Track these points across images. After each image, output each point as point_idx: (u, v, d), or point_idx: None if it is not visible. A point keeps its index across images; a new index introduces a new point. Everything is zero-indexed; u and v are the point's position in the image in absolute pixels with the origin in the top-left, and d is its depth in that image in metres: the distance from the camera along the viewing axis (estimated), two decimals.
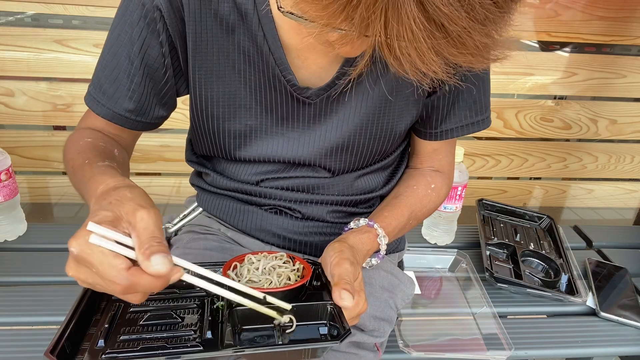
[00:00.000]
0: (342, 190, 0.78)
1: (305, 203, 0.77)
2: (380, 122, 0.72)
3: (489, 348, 0.92)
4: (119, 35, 0.65)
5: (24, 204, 1.19)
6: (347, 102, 0.70)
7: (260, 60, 0.67)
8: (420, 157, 0.83)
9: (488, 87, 0.77)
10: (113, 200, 0.48)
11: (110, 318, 0.57)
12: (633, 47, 1.51)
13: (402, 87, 0.70)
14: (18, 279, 1.01)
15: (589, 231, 1.35)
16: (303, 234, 0.79)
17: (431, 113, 0.76)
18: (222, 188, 0.80)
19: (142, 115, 0.70)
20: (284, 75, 0.67)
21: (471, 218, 1.30)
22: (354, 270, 0.60)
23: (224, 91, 0.69)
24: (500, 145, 1.61)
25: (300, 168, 0.76)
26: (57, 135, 1.42)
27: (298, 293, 0.60)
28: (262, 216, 0.78)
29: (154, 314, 0.58)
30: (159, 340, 0.54)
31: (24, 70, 1.31)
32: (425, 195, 0.79)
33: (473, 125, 0.77)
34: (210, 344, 0.54)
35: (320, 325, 0.58)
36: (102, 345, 0.53)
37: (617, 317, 1.01)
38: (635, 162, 1.70)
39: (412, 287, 0.86)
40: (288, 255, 0.66)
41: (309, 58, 0.67)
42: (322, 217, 0.79)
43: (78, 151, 0.64)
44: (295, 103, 0.70)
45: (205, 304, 0.61)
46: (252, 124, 0.71)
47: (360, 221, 0.71)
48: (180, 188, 1.56)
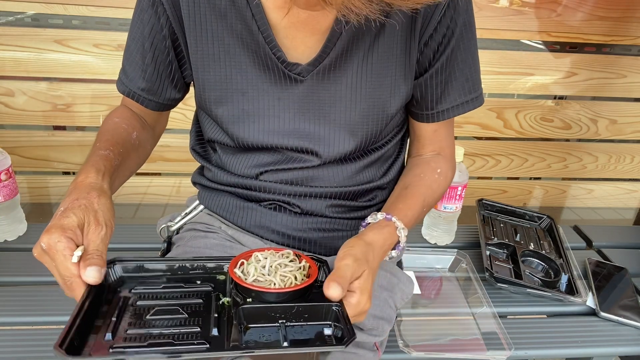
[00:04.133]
0: (340, 181, 0.79)
1: (304, 197, 0.78)
2: (372, 98, 0.73)
3: (489, 348, 0.92)
4: (135, 20, 0.73)
5: (24, 204, 1.19)
6: (338, 78, 0.71)
7: (251, 41, 0.69)
8: (422, 141, 0.83)
9: (478, 63, 0.78)
10: (82, 205, 0.58)
11: (118, 311, 0.57)
12: (633, 47, 1.51)
13: (390, 64, 0.72)
14: (18, 279, 1.01)
15: (589, 231, 1.35)
16: (302, 230, 0.79)
17: (425, 94, 0.76)
18: (222, 184, 0.81)
19: (155, 95, 0.77)
20: (274, 52, 0.69)
21: (471, 218, 1.30)
22: (357, 266, 0.60)
23: (220, 75, 0.72)
24: (500, 145, 1.61)
25: (298, 159, 0.76)
26: (57, 135, 1.42)
27: (304, 293, 0.60)
28: (262, 213, 0.79)
29: (161, 309, 0.58)
30: (166, 337, 0.54)
31: (24, 70, 1.31)
32: (434, 180, 0.80)
33: (468, 104, 0.78)
34: (216, 341, 0.54)
35: (325, 326, 0.58)
36: (109, 339, 0.53)
37: (617, 317, 1.01)
38: (635, 162, 1.70)
39: (411, 287, 0.86)
40: (294, 252, 0.66)
41: (296, 37, 0.69)
42: (321, 212, 0.79)
43: (102, 130, 0.73)
44: (288, 81, 0.71)
45: (211, 299, 0.61)
46: (248, 108, 0.73)
47: (377, 215, 0.72)
48: (181, 188, 1.56)
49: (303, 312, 0.57)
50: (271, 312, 0.57)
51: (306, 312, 0.58)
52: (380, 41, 0.70)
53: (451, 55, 0.73)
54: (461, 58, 0.74)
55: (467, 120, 1.54)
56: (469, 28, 0.74)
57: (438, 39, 0.72)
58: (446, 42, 0.72)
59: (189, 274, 0.66)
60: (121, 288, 0.62)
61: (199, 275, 0.66)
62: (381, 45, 0.71)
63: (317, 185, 0.78)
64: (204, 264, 0.67)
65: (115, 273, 0.63)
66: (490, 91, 1.52)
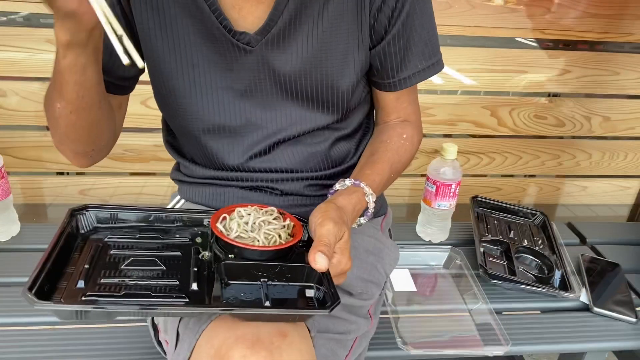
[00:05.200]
0: (315, 165, 0.79)
1: (282, 181, 0.79)
2: (324, 66, 0.72)
3: (486, 344, 0.93)
4: None
5: (17, 204, 1.18)
6: (289, 46, 0.71)
7: (196, 11, 0.68)
8: (386, 109, 0.83)
9: (434, 27, 0.78)
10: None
11: (90, 258, 0.54)
12: (626, 45, 1.52)
13: (340, 32, 0.71)
14: (11, 280, 1.00)
15: (582, 228, 1.36)
16: (283, 207, 0.79)
17: (384, 62, 0.76)
18: (200, 177, 0.81)
19: (108, 74, 0.70)
20: (220, 21, 0.68)
21: (465, 215, 1.30)
22: (338, 229, 0.59)
23: (169, 47, 0.70)
24: (494, 142, 1.62)
25: (269, 139, 0.75)
26: (50, 135, 1.41)
27: (288, 252, 0.58)
28: (243, 194, 0.79)
29: (137, 259, 0.56)
30: (143, 288, 0.51)
31: (17, 70, 1.30)
32: (400, 146, 0.80)
33: (429, 69, 0.79)
34: (195, 295, 0.52)
35: (308, 287, 0.56)
36: (82, 286, 0.50)
37: (610, 313, 1.01)
38: (628, 159, 1.71)
39: (397, 252, 0.86)
40: (279, 210, 0.64)
41: (244, 7, 0.69)
42: (300, 192, 0.80)
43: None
44: (237, 51, 0.70)
45: (190, 253, 0.59)
46: (199, 81, 0.72)
47: (345, 182, 0.71)
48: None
49: (286, 272, 0.56)
50: (253, 269, 0.55)
51: (289, 272, 0.56)
52: (330, 8, 0.70)
53: (407, 20, 0.72)
54: (418, 22, 0.74)
55: (461, 118, 1.55)
56: None
57: (391, 4, 0.71)
58: (400, 7, 0.71)
59: (166, 226, 0.63)
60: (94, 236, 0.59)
61: (177, 227, 0.63)
62: (330, 13, 0.70)
63: (294, 171, 0.78)
64: (182, 217, 0.64)
65: (87, 220, 0.60)
66: (484, 89, 1.53)
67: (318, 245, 0.56)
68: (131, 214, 0.63)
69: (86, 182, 1.48)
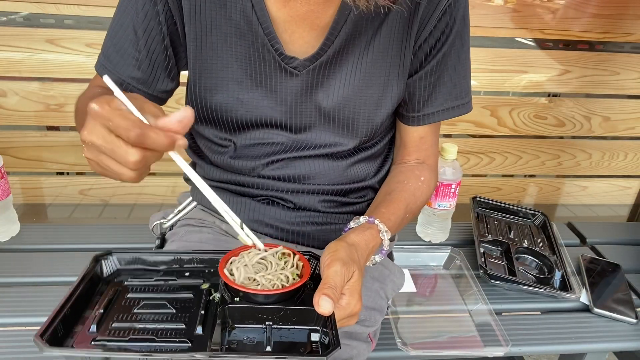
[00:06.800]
0: (333, 179, 0.79)
1: (297, 193, 0.78)
2: (364, 96, 0.73)
3: (486, 344, 0.92)
4: (125, 6, 0.70)
5: (16, 204, 1.18)
6: (334, 74, 0.72)
7: (249, 32, 0.69)
8: (408, 148, 0.83)
9: (468, 71, 0.79)
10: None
11: (107, 303, 0.56)
12: (626, 45, 1.52)
13: (384, 63, 0.73)
14: (11, 280, 1.00)
15: (582, 228, 1.36)
16: (295, 224, 0.79)
17: (413, 95, 0.77)
18: (215, 180, 0.81)
19: (146, 85, 0.73)
20: (272, 44, 0.69)
21: (465, 215, 1.30)
22: (346, 270, 0.58)
23: (216, 63, 0.72)
24: (494, 142, 1.62)
25: (292, 152, 0.76)
26: (50, 135, 1.42)
27: (294, 294, 0.58)
28: (255, 207, 0.79)
29: (148, 303, 0.57)
30: (149, 332, 0.52)
31: (17, 70, 1.30)
32: (417, 188, 0.80)
33: (454, 109, 0.79)
34: (198, 340, 0.53)
35: (313, 330, 0.56)
36: (94, 331, 0.52)
37: (611, 313, 1.01)
38: (628, 159, 1.71)
39: (402, 278, 0.86)
40: (288, 249, 0.63)
41: (295, 32, 0.70)
42: (313, 207, 0.79)
43: (85, 96, 0.68)
44: (284, 74, 0.71)
45: (202, 294, 0.60)
46: (243, 98, 0.73)
47: (360, 219, 0.71)
48: (176, 188, 1.56)
49: (291, 315, 0.56)
50: (258, 313, 0.56)
51: (294, 315, 0.56)
52: (377, 41, 0.71)
53: (442, 59, 0.74)
54: (451, 64, 0.75)
55: (461, 118, 1.54)
56: (463, 37, 0.75)
57: (432, 42, 0.73)
58: (439, 47, 0.73)
59: (183, 267, 0.65)
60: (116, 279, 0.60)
61: (193, 268, 0.65)
62: (377, 45, 0.71)
63: (310, 183, 0.78)
64: (200, 257, 0.65)
65: (110, 264, 0.62)
66: (484, 89, 1.53)
67: (323, 288, 0.55)
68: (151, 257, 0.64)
69: (86, 182, 1.48)
